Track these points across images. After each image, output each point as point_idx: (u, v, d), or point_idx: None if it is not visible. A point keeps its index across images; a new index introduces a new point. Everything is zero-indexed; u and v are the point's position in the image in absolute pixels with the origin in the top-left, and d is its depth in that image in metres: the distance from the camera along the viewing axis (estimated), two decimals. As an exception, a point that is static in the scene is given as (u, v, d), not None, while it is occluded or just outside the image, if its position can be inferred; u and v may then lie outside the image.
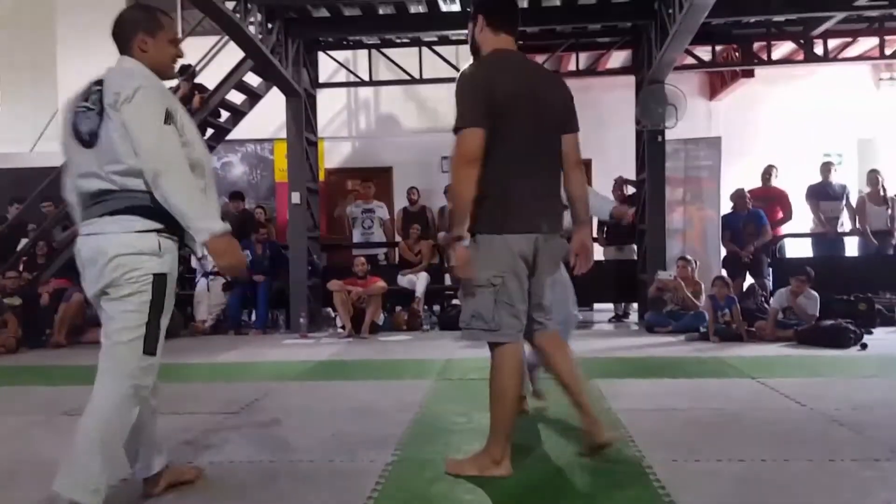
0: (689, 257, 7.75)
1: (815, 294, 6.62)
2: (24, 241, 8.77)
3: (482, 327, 2.69)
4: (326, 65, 9.54)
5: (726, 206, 8.65)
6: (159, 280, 2.35)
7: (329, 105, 10.06)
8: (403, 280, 8.47)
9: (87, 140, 2.36)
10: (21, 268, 8.17)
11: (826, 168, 8.72)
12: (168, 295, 2.40)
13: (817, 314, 6.57)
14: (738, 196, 8.40)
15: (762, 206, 8.45)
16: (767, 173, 8.81)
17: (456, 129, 2.63)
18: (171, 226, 2.37)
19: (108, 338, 2.36)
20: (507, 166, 2.65)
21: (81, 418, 2.33)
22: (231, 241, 2.37)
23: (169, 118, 2.33)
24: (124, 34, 2.47)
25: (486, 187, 2.62)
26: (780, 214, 8.69)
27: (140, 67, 2.43)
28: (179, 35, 3.70)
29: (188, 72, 8.30)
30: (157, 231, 2.35)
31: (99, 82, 2.40)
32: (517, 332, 2.72)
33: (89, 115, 2.36)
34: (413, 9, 8.30)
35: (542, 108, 2.71)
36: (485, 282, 2.65)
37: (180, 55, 2.59)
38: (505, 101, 2.62)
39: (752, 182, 8.94)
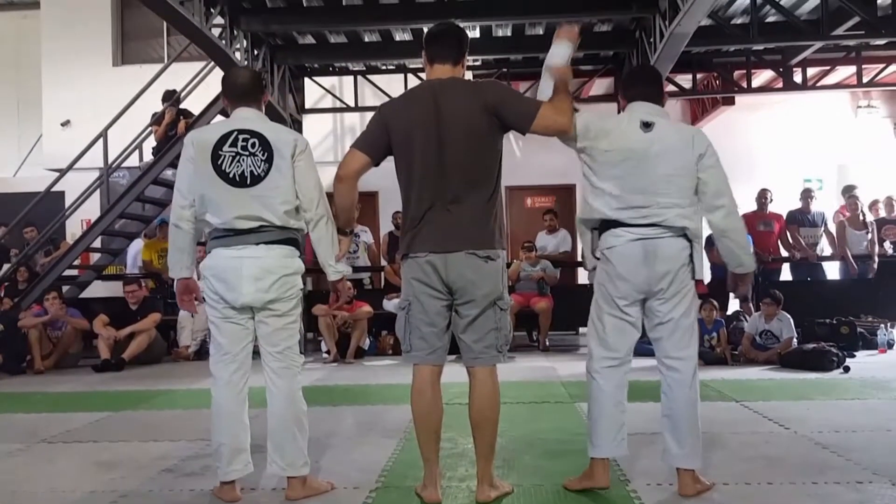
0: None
1: (788, 315, 6.68)
2: (6, 267, 8.68)
3: (403, 348, 2.85)
4: (312, 90, 9.59)
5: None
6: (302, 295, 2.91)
7: (315, 130, 10.08)
8: (389, 304, 8.42)
9: (245, 182, 2.73)
10: (2, 293, 8.07)
11: (806, 195, 8.77)
12: None
13: (794, 335, 6.63)
14: None
15: (763, 230, 8.38)
16: (763, 197, 8.57)
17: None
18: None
19: (275, 345, 2.83)
20: (410, 194, 2.75)
21: (274, 412, 2.80)
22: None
23: None
24: (259, 90, 2.91)
25: (402, 216, 2.84)
26: (777, 240, 8.59)
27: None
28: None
29: (173, 97, 8.33)
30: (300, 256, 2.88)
31: (244, 131, 2.76)
32: (427, 354, 2.77)
33: (248, 160, 2.74)
34: (398, 36, 8.40)
35: (450, 129, 2.66)
36: (402, 304, 2.81)
37: None
38: (400, 136, 2.73)
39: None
